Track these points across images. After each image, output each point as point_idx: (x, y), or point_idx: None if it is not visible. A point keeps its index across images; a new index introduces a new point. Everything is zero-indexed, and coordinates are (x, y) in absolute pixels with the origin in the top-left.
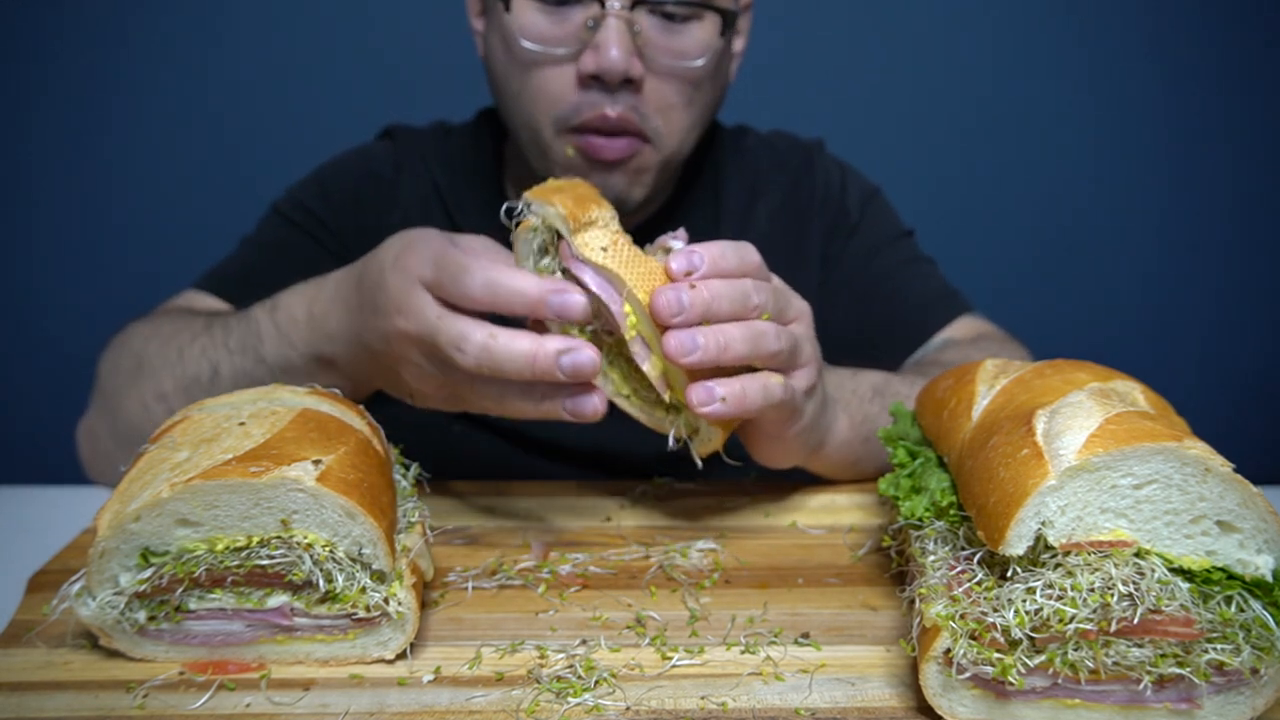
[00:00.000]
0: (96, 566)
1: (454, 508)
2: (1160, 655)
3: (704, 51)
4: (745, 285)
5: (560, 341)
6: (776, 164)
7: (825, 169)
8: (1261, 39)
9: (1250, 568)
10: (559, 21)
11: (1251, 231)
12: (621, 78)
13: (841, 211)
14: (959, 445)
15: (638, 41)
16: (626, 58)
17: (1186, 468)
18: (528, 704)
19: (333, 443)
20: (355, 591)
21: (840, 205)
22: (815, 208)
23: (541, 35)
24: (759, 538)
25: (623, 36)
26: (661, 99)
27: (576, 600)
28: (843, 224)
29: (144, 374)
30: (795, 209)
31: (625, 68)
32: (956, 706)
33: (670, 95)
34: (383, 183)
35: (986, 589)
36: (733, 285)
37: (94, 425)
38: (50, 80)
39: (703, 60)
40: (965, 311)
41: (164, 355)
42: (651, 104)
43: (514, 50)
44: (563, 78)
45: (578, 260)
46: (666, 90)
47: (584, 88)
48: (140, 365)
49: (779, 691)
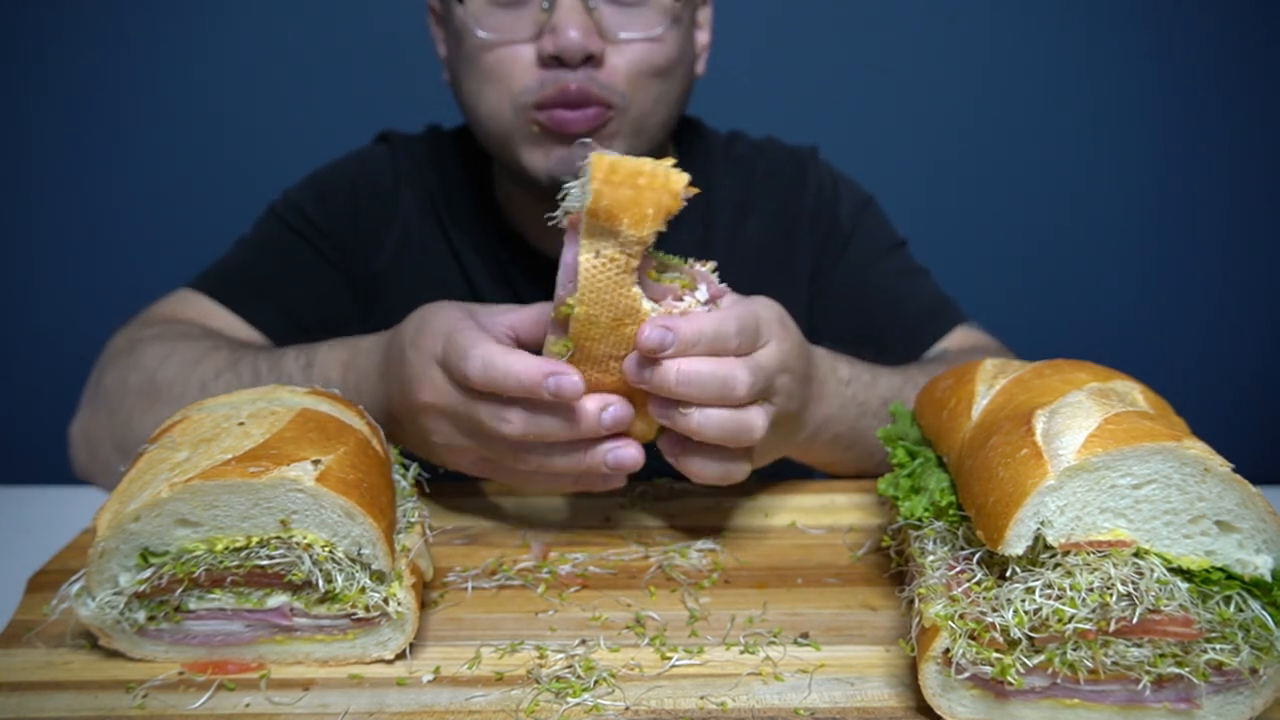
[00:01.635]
0: (96, 567)
1: (454, 508)
2: (1159, 655)
3: (662, 20)
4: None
5: (597, 400)
6: (768, 174)
7: (818, 178)
8: (1262, 39)
9: (1249, 567)
10: (513, 10)
11: (1251, 232)
12: (581, 55)
13: (834, 223)
14: (958, 445)
15: (594, 18)
16: (585, 35)
17: (1186, 468)
18: (527, 704)
19: (332, 443)
20: (355, 592)
21: (832, 216)
22: (807, 219)
23: (497, 25)
24: (759, 538)
25: (579, 15)
26: (626, 68)
27: (576, 600)
28: (835, 236)
29: (161, 400)
30: (786, 221)
31: (584, 44)
32: (956, 706)
33: (634, 63)
34: (382, 192)
35: (986, 589)
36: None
37: (94, 433)
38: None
39: (662, 28)
40: (960, 322)
41: (184, 384)
42: (615, 75)
43: (469, 42)
44: (521, 61)
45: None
46: (629, 58)
47: (545, 67)
48: (156, 389)
49: (778, 691)
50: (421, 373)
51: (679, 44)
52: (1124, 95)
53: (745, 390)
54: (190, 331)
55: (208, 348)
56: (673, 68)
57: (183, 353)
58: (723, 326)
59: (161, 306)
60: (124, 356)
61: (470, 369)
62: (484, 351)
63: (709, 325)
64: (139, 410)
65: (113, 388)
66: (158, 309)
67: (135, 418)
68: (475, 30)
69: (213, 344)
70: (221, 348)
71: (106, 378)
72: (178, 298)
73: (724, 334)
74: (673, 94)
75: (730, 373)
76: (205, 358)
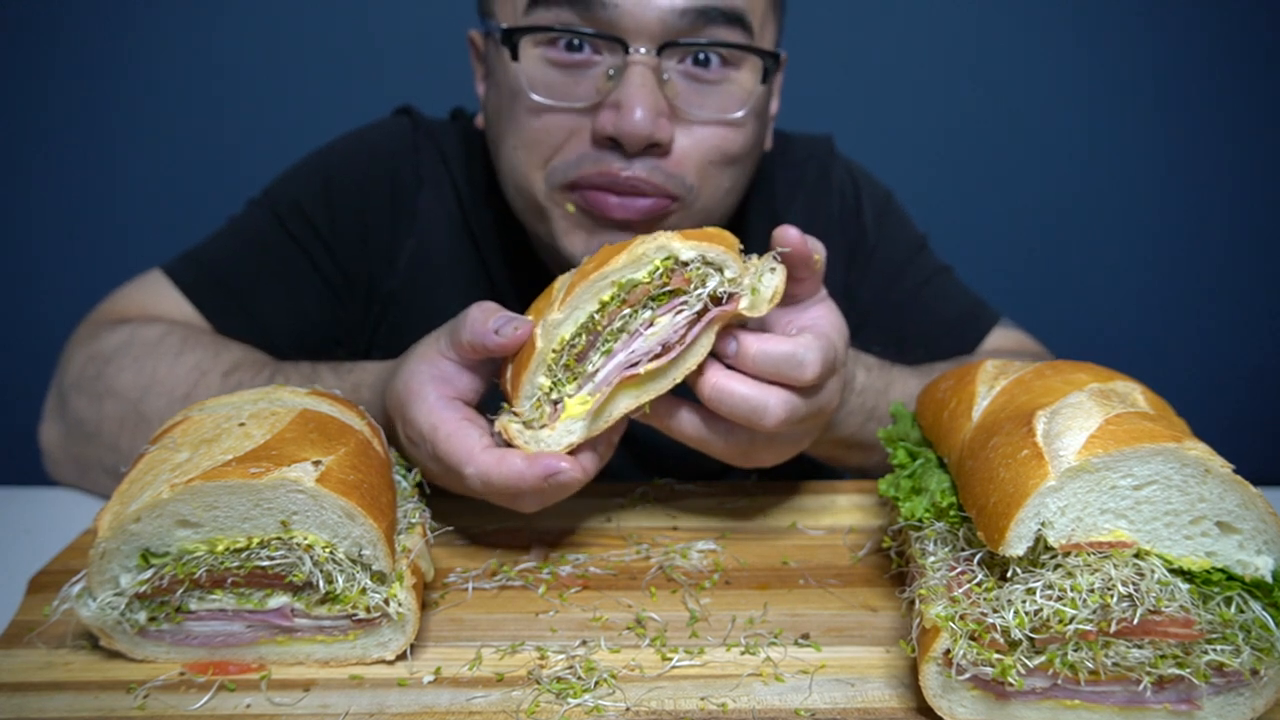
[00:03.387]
0: (97, 567)
1: (455, 509)
2: (1160, 656)
3: (744, 102)
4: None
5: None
6: (791, 181)
7: (839, 180)
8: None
9: (1250, 569)
10: (573, 73)
11: (1251, 231)
12: (645, 143)
13: (859, 231)
14: (959, 446)
15: (666, 93)
16: (653, 119)
17: (1186, 468)
18: (528, 705)
19: (333, 444)
20: (355, 592)
21: (857, 222)
22: (834, 228)
23: (552, 86)
24: (759, 538)
25: (650, 93)
26: (696, 158)
27: (576, 601)
28: (861, 246)
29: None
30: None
31: (650, 130)
32: (956, 707)
33: (705, 153)
34: (400, 190)
35: (986, 590)
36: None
37: (78, 454)
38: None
39: (742, 112)
40: (995, 322)
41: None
42: (684, 165)
43: (517, 102)
44: (572, 135)
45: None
46: (701, 149)
47: (599, 148)
48: (140, 418)
49: (779, 692)
50: (424, 465)
51: (758, 126)
52: (1124, 96)
53: (773, 424)
54: (167, 343)
55: (195, 373)
56: (749, 154)
57: (167, 383)
58: (801, 354)
59: (127, 298)
60: (94, 381)
61: (471, 485)
62: (478, 469)
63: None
64: (125, 439)
65: (87, 414)
66: (124, 302)
67: (123, 444)
68: (528, 92)
69: (199, 364)
70: (211, 371)
71: (78, 401)
72: (146, 287)
73: (800, 361)
74: (744, 181)
75: (763, 402)
76: (194, 390)
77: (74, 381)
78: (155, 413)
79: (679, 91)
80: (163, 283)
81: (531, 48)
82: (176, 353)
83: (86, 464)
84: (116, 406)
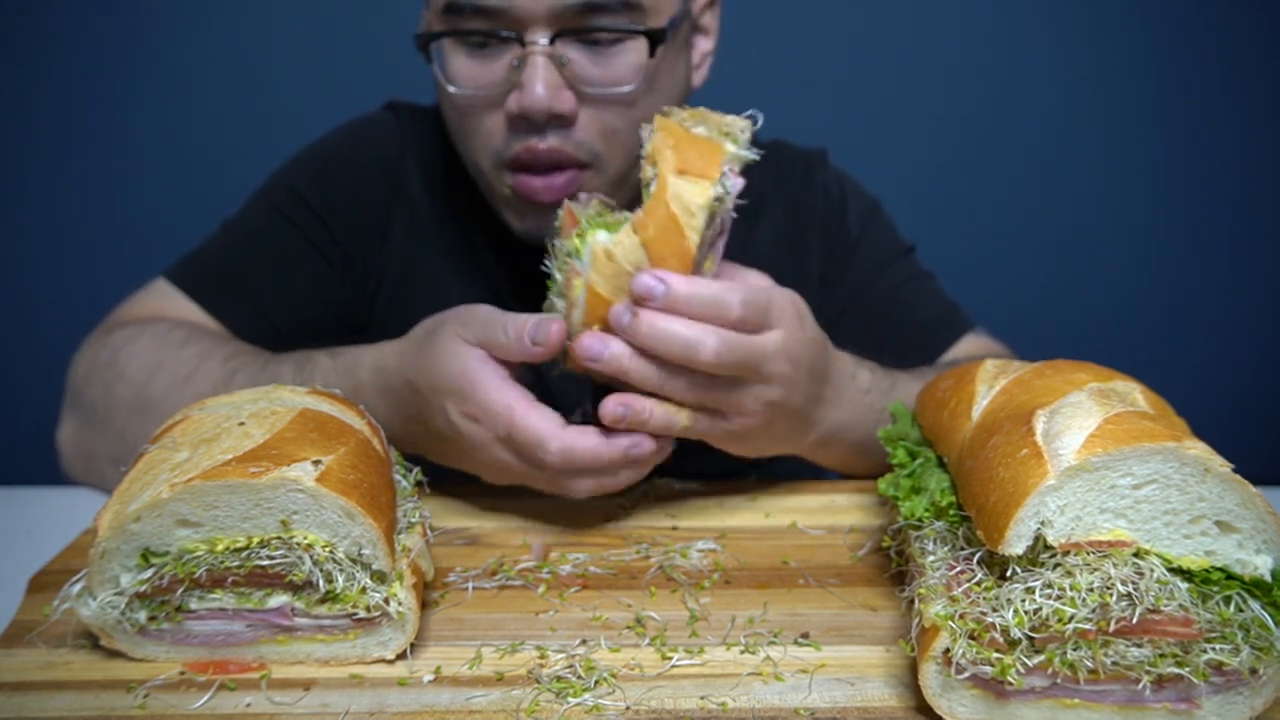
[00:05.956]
0: (97, 567)
1: (454, 508)
2: (1159, 655)
3: (634, 75)
4: (694, 335)
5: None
6: (777, 180)
7: (825, 184)
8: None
9: (1249, 568)
10: (485, 64)
11: (1251, 231)
12: (546, 115)
13: (841, 230)
14: (959, 445)
15: (566, 74)
16: (551, 94)
17: (1186, 468)
18: (528, 704)
19: (333, 443)
20: (355, 592)
21: (840, 223)
22: (815, 225)
23: (469, 79)
24: (759, 538)
25: (548, 73)
26: (600, 125)
27: (576, 600)
28: (842, 243)
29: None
30: (795, 227)
31: (549, 105)
32: (956, 706)
33: (608, 120)
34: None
35: (986, 589)
36: (675, 334)
37: (88, 447)
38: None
39: (633, 85)
40: (968, 330)
41: (178, 399)
42: (589, 133)
43: (447, 96)
44: (494, 118)
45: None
46: (604, 117)
47: (513, 128)
48: (148, 404)
49: (779, 692)
50: (487, 455)
51: (664, 84)
52: (1123, 96)
53: (711, 357)
54: (173, 335)
55: (197, 359)
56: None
57: (172, 366)
58: (725, 295)
59: (135, 305)
60: (106, 369)
61: (550, 460)
62: (563, 443)
63: (707, 288)
64: (133, 425)
65: (99, 401)
66: (132, 308)
67: (130, 432)
68: (446, 86)
69: (202, 352)
70: (212, 356)
71: (91, 390)
72: (152, 293)
73: (724, 302)
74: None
75: (699, 337)
76: (196, 373)
77: (86, 374)
78: (159, 395)
79: (577, 68)
80: (166, 289)
81: (449, 47)
82: (181, 343)
83: (94, 455)
84: (126, 390)
